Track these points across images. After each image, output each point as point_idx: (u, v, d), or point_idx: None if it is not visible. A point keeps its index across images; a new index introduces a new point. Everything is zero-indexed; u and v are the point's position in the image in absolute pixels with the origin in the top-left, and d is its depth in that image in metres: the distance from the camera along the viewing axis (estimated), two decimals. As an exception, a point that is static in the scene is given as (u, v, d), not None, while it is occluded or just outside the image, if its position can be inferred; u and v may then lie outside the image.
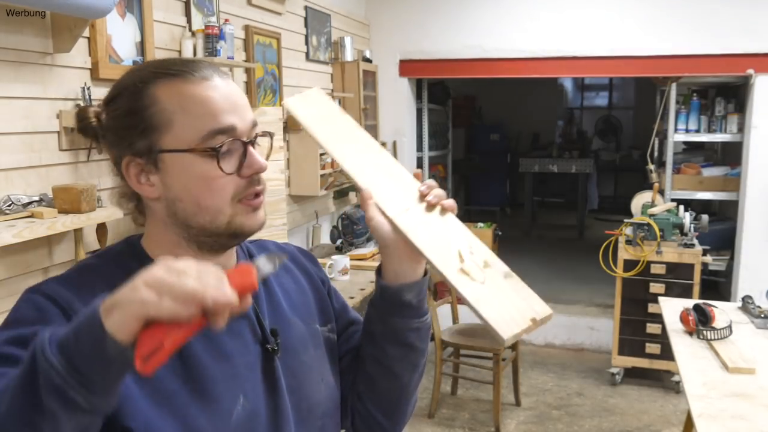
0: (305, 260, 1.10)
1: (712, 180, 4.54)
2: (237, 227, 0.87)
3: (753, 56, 4.15)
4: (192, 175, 0.84)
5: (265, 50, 3.34)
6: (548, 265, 6.40)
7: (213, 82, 0.85)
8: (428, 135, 5.42)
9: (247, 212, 0.87)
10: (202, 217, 0.86)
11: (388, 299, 0.96)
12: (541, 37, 4.51)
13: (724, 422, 1.75)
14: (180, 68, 0.86)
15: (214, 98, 0.84)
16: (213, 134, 0.83)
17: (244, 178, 0.86)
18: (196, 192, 0.85)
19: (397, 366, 0.99)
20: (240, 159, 0.86)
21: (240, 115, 0.86)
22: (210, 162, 0.84)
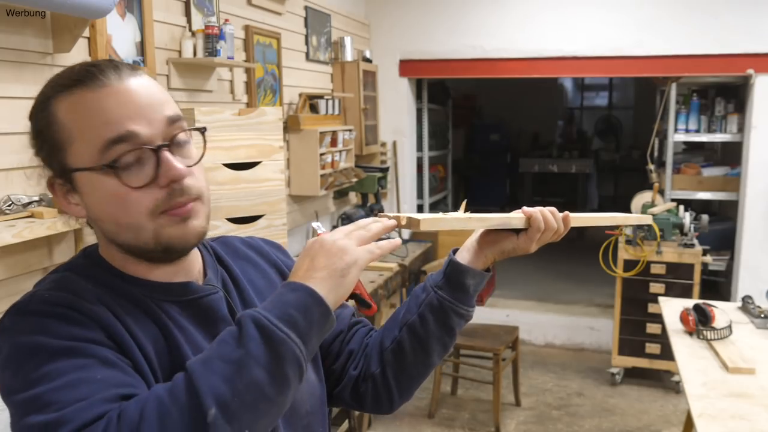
0: (273, 252, 1.07)
1: (712, 180, 4.54)
2: (165, 242, 0.81)
3: (753, 56, 4.15)
4: (103, 193, 0.78)
5: (265, 50, 3.34)
6: (548, 265, 6.39)
7: (111, 87, 0.78)
8: (428, 135, 5.42)
9: (175, 223, 0.80)
10: (125, 235, 0.80)
11: (453, 276, 1.00)
12: (541, 37, 4.51)
13: (724, 422, 1.75)
14: (76, 77, 0.79)
15: (109, 104, 0.77)
16: (109, 145, 0.76)
17: (163, 188, 0.79)
18: (111, 210, 0.79)
19: (433, 343, 1.00)
20: (154, 168, 0.78)
21: (146, 118, 0.78)
22: (113, 178, 0.77)
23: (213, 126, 2.30)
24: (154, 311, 0.82)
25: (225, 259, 0.98)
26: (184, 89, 2.72)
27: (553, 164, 7.93)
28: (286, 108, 3.60)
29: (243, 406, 0.68)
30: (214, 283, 0.92)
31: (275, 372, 0.70)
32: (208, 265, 0.94)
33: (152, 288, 0.84)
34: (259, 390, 0.69)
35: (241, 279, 0.97)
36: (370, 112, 4.56)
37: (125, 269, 0.85)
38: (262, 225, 2.47)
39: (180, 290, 0.87)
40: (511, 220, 0.98)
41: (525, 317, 4.78)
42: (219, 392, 0.67)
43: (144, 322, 0.81)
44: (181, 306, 0.86)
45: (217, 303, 0.90)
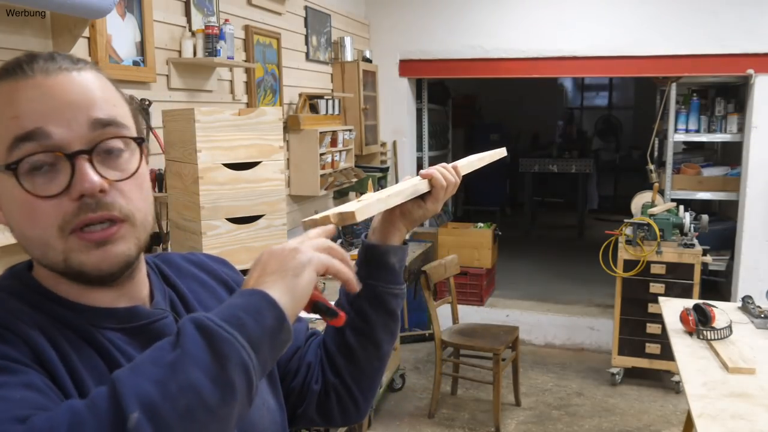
0: (220, 268, 0.98)
1: (712, 180, 4.54)
2: (77, 267, 0.70)
3: (753, 56, 4.15)
4: (10, 197, 0.69)
5: (265, 50, 3.34)
6: (548, 265, 6.39)
7: (33, 80, 0.69)
8: (428, 135, 5.42)
9: (87, 248, 0.70)
10: (33, 250, 0.71)
11: (373, 261, 0.97)
12: (541, 37, 4.51)
13: (724, 422, 1.75)
14: (11, 66, 0.71)
15: (24, 98, 0.68)
16: (16, 143, 0.67)
17: (74, 201, 0.68)
18: (17, 219, 0.70)
19: (379, 333, 0.97)
20: (69, 176, 0.68)
21: (65, 118, 0.68)
22: (15, 181, 0.68)
23: (213, 126, 2.30)
24: (98, 341, 0.72)
25: (171, 278, 0.89)
26: (184, 89, 2.72)
27: (553, 164, 7.93)
28: (286, 108, 3.60)
29: (175, 413, 0.56)
30: (162, 306, 0.82)
31: (217, 376, 0.58)
32: (155, 287, 0.84)
33: (93, 314, 0.74)
34: (196, 395, 0.57)
35: (190, 299, 0.88)
36: (370, 112, 4.56)
37: (59, 291, 0.74)
38: (261, 225, 2.47)
39: (126, 316, 0.76)
40: (418, 186, 0.98)
41: (525, 317, 4.78)
42: (145, 394, 0.56)
43: (87, 355, 0.71)
44: (127, 334, 0.75)
45: (168, 328, 0.80)
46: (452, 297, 3.89)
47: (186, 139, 2.23)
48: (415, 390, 4.00)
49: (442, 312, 3.78)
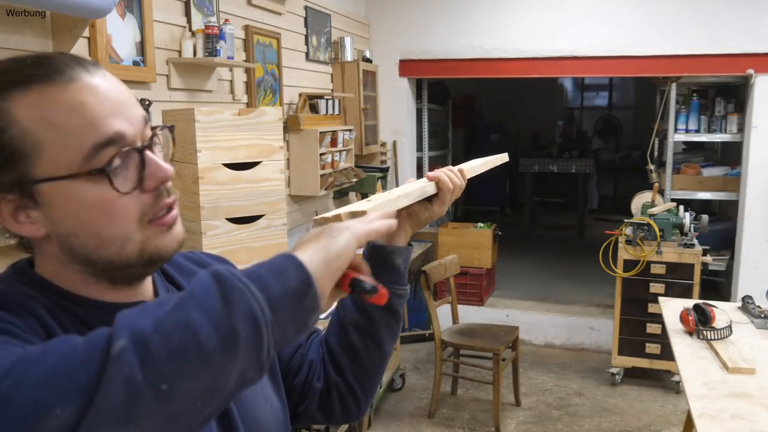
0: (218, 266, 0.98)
1: (712, 180, 4.54)
2: (152, 253, 0.73)
3: (753, 56, 4.15)
4: (83, 203, 0.68)
5: (265, 50, 3.34)
6: (548, 265, 6.40)
7: (82, 81, 0.68)
8: (428, 135, 5.42)
9: (162, 232, 0.73)
10: (107, 249, 0.71)
11: (379, 261, 0.97)
12: (541, 37, 4.51)
13: (724, 422, 1.75)
14: (34, 71, 0.68)
15: (89, 103, 0.67)
16: (97, 149, 0.67)
17: (149, 193, 0.71)
18: (93, 222, 0.69)
19: (382, 333, 0.98)
20: (139, 170, 0.70)
21: (126, 117, 0.70)
22: (101, 184, 0.68)
23: (213, 126, 2.30)
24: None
25: (174, 276, 0.89)
26: (184, 89, 2.72)
27: (553, 164, 7.93)
28: (286, 108, 3.60)
29: (165, 347, 0.53)
30: None
31: (219, 321, 0.55)
32: (159, 284, 0.85)
33: (102, 310, 0.75)
34: (192, 334, 0.54)
35: None
36: (370, 112, 4.56)
37: (64, 286, 0.74)
38: (261, 225, 2.47)
39: None
40: (425, 188, 0.99)
41: (525, 317, 4.79)
42: (138, 325, 0.54)
43: None
44: None
45: None
46: (452, 297, 3.89)
47: (186, 139, 2.23)
48: (415, 390, 4.00)
49: (442, 312, 3.78)
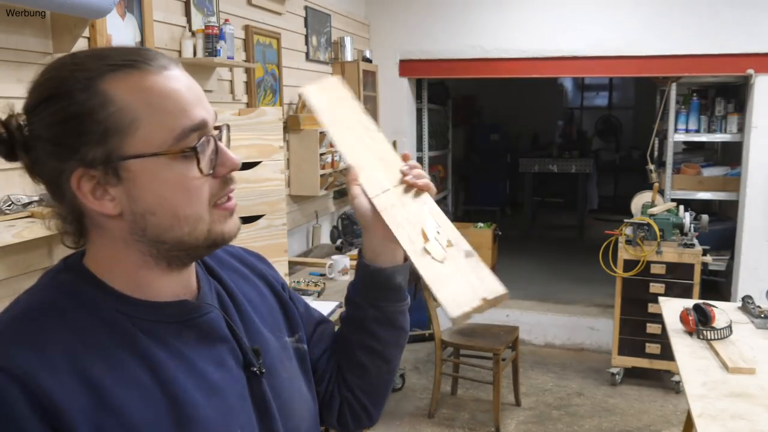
0: (259, 264, 1.00)
1: (712, 180, 4.54)
2: (217, 235, 0.78)
3: (753, 56, 4.15)
4: (167, 181, 0.73)
5: (265, 50, 3.35)
6: (548, 265, 6.39)
7: (173, 71, 0.75)
8: (428, 135, 5.42)
9: (225, 217, 0.79)
10: (180, 228, 0.75)
11: (381, 283, 0.95)
12: (541, 37, 4.51)
13: (724, 422, 1.75)
14: (132, 58, 0.73)
15: (181, 90, 0.74)
16: (187, 132, 0.73)
17: (218, 179, 0.77)
18: (173, 200, 0.74)
19: (390, 350, 0.98)
20: (213, 157, 0.76)
21: (206, 108, 0.77)
22: (187, 164, 0.73)
23: (213, 126, 2.30)
24: (143, 346, 0.74)
25: (216, 270, 0.91)
26: (184, 89, 2.72)
27: (553, 164, 7.93)
28: (286, 108, 3.60)
29: None
30: (208, 299, 0.84)
31: None
32: (201, 278, 0.86)
33: (146, 308, 0.76)
34: None
35: (236, 292, 0.90)
36: (370, 112, 4.53)
37: (122, 284, 0.76)
38: (262, 225, 2.47)
39: (177, 310, 0.79)
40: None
41: (525, 317, 4.78)
42: None
43: (126, 367, 0.71)
44: (177, 328, 0.78)
45: (216, 322, 0.83)
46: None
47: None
48: (415, 390, 4.00)
49: (442, 312, 3.77)
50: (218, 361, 0.80)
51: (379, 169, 0.94)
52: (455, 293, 0.82)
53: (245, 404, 0.81)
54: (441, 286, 0.82)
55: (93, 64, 0.72)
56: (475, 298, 0.81)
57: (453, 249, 0.86)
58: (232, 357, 0.82)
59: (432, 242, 0.87)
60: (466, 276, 0.83)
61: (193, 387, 0.75)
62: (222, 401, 0.77)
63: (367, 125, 0.99)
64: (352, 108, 1.01)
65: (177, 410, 0.72)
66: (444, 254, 0.86)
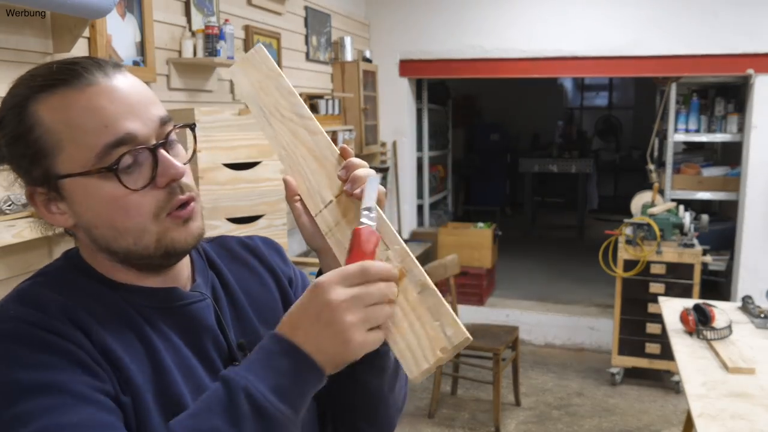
0: (271, 255, 0.98)
1: (712, 180, 4.54)
2: (168, 245, 0.77)
3: (753, 56, 4.15)
4: (99, 198, 0.74)
5: (265, 50, 3.35)
6: (548, 265, 6.40)
7: (99, 85, 0.73)
8: (428, 135, 5.42)
9: (177, 226, 0.77)
10: (124, 240, 0.76)
11: None
12: (541, 37, 4.52)
13: (724, 422, 1.75)
14: (58, 77, 0.73)
15: (103, 106, 0.73)
16: (109, 149, 0.72)
17: (162, 189, 0.76)
18: (109, 216, 0.75)
19: (362, 374, 0.87)
20: (151, 168, 0.75)
21: (140, 117, 0.74)
22: (113, 181, 0.73)
23: (213, 126, 2.30)
24: (137, 323, 0.77)
25: (217, 263, 0.92)
26: (184, 89, 2.72)
27: (553, 164, 7.93)
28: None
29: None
30: (202, 289, 0.86)
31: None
32: (198, 270, 0.88)
33: (136, 292, 0.80)
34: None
35: (232, 285, 0.90)
36: (370, 112, 4.56)
37: (110, 275, 0.80)
38: (262, 225, 2.47)
39: (165, 296, 0.81)
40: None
41: (525, 317, 4.78)
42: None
43: (123, 335, 0.76)
44: (164, 313, 0.80)
45: (204, 311, 0.84)
46: (452, 297, 3.88)
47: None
48: (415, 390, 4.00)
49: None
50: (200, 349, 0.82)
51: (318, 174, 0.83)
52: (412, 345, 0.71)
53: None
54: (395, 333, 0.72)
55: (24, 87, 0.75)
56: (434, 350, 0.70)
57: (405, 280, 0.73)
58: (214, 348, 0.83)
59: None
60: (421, 318, 0.72)
61: (174, 365, 0.77)
62: (197, 386, 0.79)
63: (300, 111, 0.84)
64: (282, 88, 0.86)
65: (159, 382, 0.75)
66: (394, 291, 0.72)
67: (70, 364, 0.68)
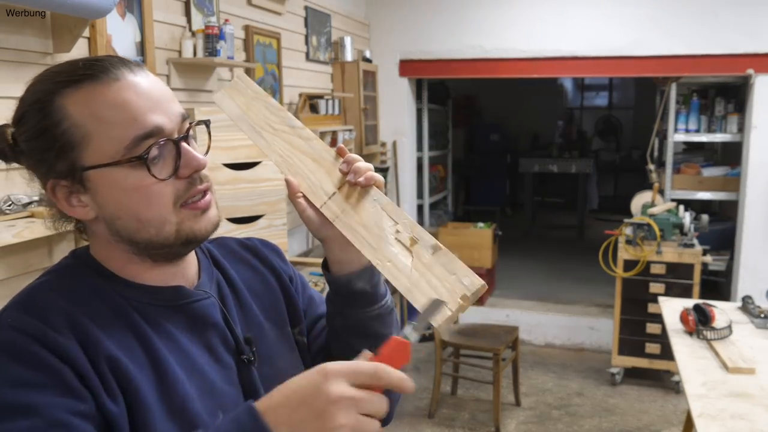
0: (270, 255, 1.02)
1: (712, 180, 4.54)
2: (188, 234, 0.81)
3: (753, 56, 4.15)
4: (124, 188, 0.77)
5: (265, 50, 3.35)
6: (548, 265, 6.39)
7: (125, 80, 0.77)
8: (428, 135, 5.42)
9: (195, 216, 0.81)
10: (146, 231, 0.79)
11: (341, 292, 0.93)
12: (541, 37, 4.51)
13: (724, 422, 1.75)
14: (84, 71, 0.76)
15: (131, 100, 0.76)
16: (138, 141, 0.76)
17: (183, 179, 0.80)
18: (133, 206, 0.78)
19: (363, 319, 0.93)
20: (175, 159, 0.79)
21: (164, 111, 0.78)
22: (140, 171, 0.76)
23: (213, 126, 2.30)
24: (141, 326, 0.79)
25: (221, 261, 0.95)
26: (184, 89, 2.72)
27: (553, 164, 7.93)
28: (286, 108, 3.60)
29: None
30: (206, 287, 0.88)
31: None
32: (203, 268, 0.91)
33: (142, 291, 0.82)
34: None
35: (237, 282, 0.93)
36: (370, 112, 4.56)
37: (120, 271, 0.82)
38: (262, 225, 2.47)
39: (170, 295, 0.84)
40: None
41: (525, 317, 4.79)
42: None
43: (126, 339, 0.77)
44: (170, 311, 0.83)
45: (209, 309, 0.86)
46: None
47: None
48: (415, 390, 4.00)
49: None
50: (207, 346, 0.84)
51: (317, 172, 0.89)
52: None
53: (231, 389, 0.84)
54: (416, 293, 0.79)
55: (50, 82, 0.78)
56: (455, 299, 0.77)
57: (417, 246, 0.81)
58: (222, 344, 0.86)
59: (394, 244, 0.82)
60: (438, 275, 0.79)
61: (177, 365, 0.79)
62: (204, 382, 0.81)
63: (291, 123, 0.92)
64: (271, 106, 0.93)
65: (162, 383, 0.77)
66: (409, 256, 0.81)
67: (55, 384, 0.69)
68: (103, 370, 0.73)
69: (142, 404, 0.74)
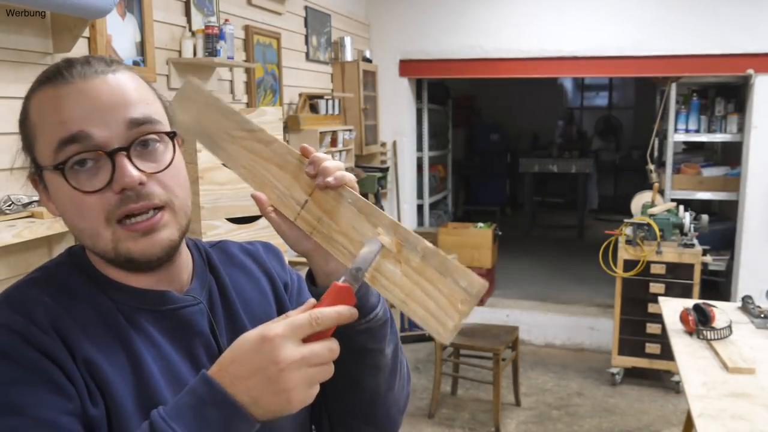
0: (270, 260, 0.98)
1: (712, 180, 4.54)
2: (125, 255, 0.76)
3: (753, 56, 4.15)
4: (61, 193, 0.76)
5: (265, 50, 3.35)
6: (548, 265, 6.39)
7: (74, 85, 0.74)
8: (428, 135, 5.42)
9: (134, 237, 0.75)
10: (84, 240, 0.77)
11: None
12: (541, 37, 4.52)
13: (724, 422, 1.75)
14: (48, 73, 0.77)
15: (66, 104, 0.74)
16: (62, 145, 0.73)
17: (117, 194, 0.74)
18: (68, 213, 0.77)
19: (355, 373, 0.85)
20: (110, 172, 0.74)
21: (104, 120, 0.74)
22: (63, 179, 0.74)
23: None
24: (124, 329, 0.77)
25: (217, 266, 0.91)
26: (184, 89, 2.72)
27: (553, 164, 7.93)
28: (286, 108, 3.60)
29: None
30: (197, 293, 0.85)
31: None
32: (197, 273, 0.88)
33: (128, 294, 0.80)
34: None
35: (229, 289, 0.90)
36: (370, 112, 4.56)
37: (107, 272, 0.81)
38: (261, 225, 2.47)
39: (156, 299, 0.81)
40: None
41: (525, 317, 4.79)
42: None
43: (108, 343, 0.76)
44: (155, 316, 0.80)
45: (196, 316, 0.84)
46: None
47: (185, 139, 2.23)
48: (415, 390, 4.00)
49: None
50: (189, 353, 0.82)
51: (284, 179, 0.81)
52: (431, 309, 0.70)
53: None
54: (411, 304, 0.71)
55: (34, 81, 0.79)
56: (455, 305, 0.69)
57: (404, 250, 0.73)
58: (205, 352, 0.83)
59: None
60: (432, 280, 0.71)
61: (157, 370, 0.77)
62: (182, 389, 0.76)
63: (248, 126, 0.83)
64: (224, 110, 0.84)
65: (140, 387, 0.75)
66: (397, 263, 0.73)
67: (43, 383, 0.69)
68: (82, 372, 0.72)
69: (119, 408, 0.73)
